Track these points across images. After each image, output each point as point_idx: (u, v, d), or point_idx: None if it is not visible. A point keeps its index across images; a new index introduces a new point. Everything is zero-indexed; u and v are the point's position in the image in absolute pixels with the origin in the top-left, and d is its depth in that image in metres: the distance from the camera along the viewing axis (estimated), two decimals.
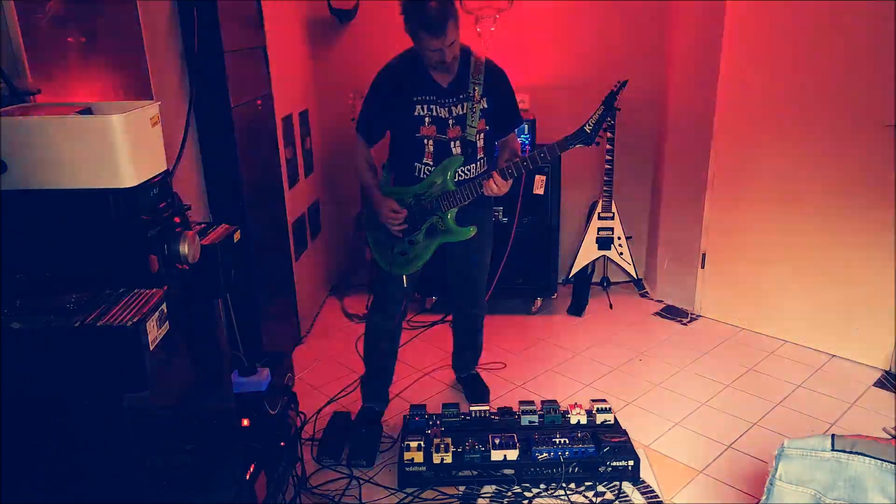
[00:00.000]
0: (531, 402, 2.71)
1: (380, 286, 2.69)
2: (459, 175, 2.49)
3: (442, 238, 2.53)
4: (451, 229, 2.50)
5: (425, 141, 2.46)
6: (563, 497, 2.35)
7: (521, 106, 2.74)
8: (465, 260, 2.70)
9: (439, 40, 2.23)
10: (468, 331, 2.95)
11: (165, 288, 1.25)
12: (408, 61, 2.43)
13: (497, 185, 2.37)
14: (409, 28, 2.28)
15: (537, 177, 3.50)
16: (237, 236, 1.66)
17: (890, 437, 2.57)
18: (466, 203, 2.46)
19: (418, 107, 2.43)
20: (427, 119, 2.44)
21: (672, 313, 3.84)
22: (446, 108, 2.44)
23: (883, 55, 2.84)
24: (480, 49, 2.53)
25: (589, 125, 2.33)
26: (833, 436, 1.53)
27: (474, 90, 2.42)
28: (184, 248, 1.37)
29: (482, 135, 2.50)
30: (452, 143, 2.47)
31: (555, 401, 2.74)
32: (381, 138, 2.58)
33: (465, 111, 2.44)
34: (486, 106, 2.46)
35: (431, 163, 2.48)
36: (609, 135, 3.59)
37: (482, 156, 2.54)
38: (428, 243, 2.54)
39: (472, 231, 2.51)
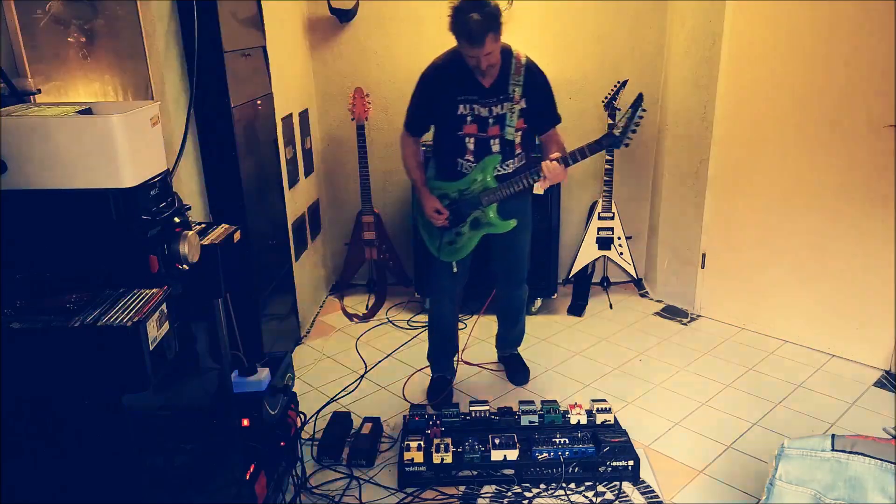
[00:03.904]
0: (531, 402, 2.71)
1: (434, 274, 2.88)
2: (498, 171, 2.65)
3: (485, 230, 2.71)
4: (493, 222, 2.68)
5: (467, 139, 2.61)
6: (563, 497, 2.35)
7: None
8: (508, 247, 2.84)
9: (476, 50, 2.37)
10: (512, 311, 3.08)
11: (165, 288, 1.25)
12: (452, 61, 2.55)
13: (553, 171, 2.47)
14: (451, 31, 2.40)
15: None
16: (237, 236, 1.66)
17: (890, 437, 2.57)
18: (506, 197, 2.63)
19: (461, 106, 2.56)
20: (469, 118, 2.58)
21: (672, 313, 3.84)
22: (487, 108, 2.57)
23: (883, 55, 2.84)
24: None
25: (617, 129, 2.48)
26: (833, 436, 1.53)
27: (514, 91, 2.55)
28: (184, 248, 1.37)
29: (520, 133, 2.63)
30: (492, 140, 2.61)
31: (555, 401, 2.75)
32: (427, 132, 2.76)
33: (504, 111, 2.57)
34: (525, 105, 2.58)
35: (473, 159, 2.64)
36: None
37: (520, 151, 2.69)
38: (473, 234, 2.72)
39: (512, 224, 2.69)
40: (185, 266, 1.40)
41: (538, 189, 2.64)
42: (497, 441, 2.44)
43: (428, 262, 2.91)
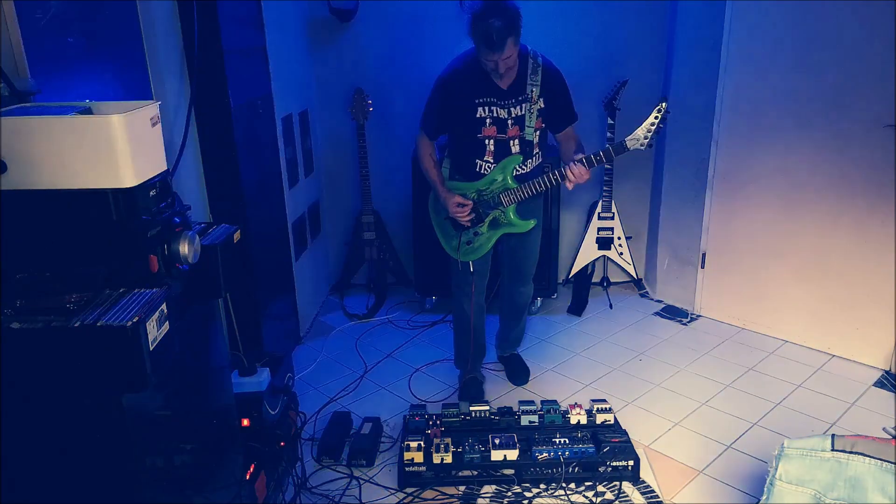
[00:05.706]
0: (531, 402, 2.71)
1: (454, 276, 2.88)
2: (517, 170, 2.64)
3: (504, 230, 2.71)
4: (513, 222, 2.68)
5: (486, 141, 2.60)
6: (563, 497, 2.35)
7: None
8: (521, 244, 2.84)
9: (496, 55, 2.36)
10: (516, 308, 3.05)
11: (165, 288, 1.25)
12: (469, 64, 2.55)
13: (577, 174, 2.49)
14: (470, 36, 2.40)
15: None
16: (237, 236, 1.66)
17: (890, 437, 2.57)
18: (527, 198, 2.62)
19: (480, 109, 2.55)
20: (488, 121, 2.57)
21: (672, 313, 3.84)
22: (506, 110, 2.56)
23: (883, 55, 2.84)
24: None
25: (642, 130, 2.49)
26: (833, 436, 1.53)
27: (532, 91, 2.55)
28: (184, 248, 1.37)
29: (538, 133, 2.64)
30: (511, 141, 2.62)
31: (555, 401, 2.75)
32: (444, 134, 2.74)
33: (523, 112, 2.57)
34: (542, 105, 2.59)
35: (492, 160, 2.64)
36: (610, 135, 3.60)
37: (537, 150, 2.70)
38: (491, 234, 2.71)
39: (532, 223, 2.70)
40: (185, 266, 1.40)
41: (568, 186, 2.61)
42: (497, 441, 2.44)
43: (451, 268, 2.87)
